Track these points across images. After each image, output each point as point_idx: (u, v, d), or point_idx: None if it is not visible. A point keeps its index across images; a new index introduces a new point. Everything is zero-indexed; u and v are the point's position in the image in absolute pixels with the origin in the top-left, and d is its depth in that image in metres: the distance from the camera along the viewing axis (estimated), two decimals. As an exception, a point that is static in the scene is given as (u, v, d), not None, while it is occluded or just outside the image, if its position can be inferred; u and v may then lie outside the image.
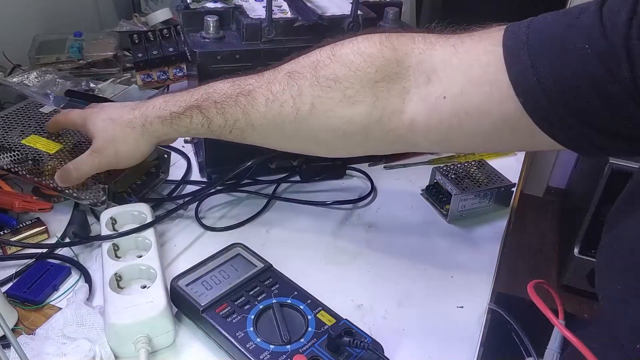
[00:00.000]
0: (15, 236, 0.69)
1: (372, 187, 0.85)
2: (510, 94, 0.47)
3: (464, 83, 0.50)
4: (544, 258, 2.11)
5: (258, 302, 0.58)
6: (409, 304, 0.64)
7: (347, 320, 0.57)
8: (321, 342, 0.54)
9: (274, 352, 0.52)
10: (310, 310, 0.57)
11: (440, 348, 0.59)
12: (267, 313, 0.57)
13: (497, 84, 0.47)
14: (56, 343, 0.55)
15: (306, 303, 0.58)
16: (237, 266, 0.63)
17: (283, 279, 0.62)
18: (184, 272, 0.61)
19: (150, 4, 1.36)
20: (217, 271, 0.62)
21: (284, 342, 0.53)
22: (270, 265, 0.63)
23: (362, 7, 0.82)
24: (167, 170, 0.83)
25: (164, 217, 0.74)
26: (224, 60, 0.74)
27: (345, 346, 0.53)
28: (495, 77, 0.48)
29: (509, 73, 0.47)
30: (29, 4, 1.11)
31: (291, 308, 0.58)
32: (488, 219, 0.80)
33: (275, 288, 0.60)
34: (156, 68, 0.92)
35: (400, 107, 0.54)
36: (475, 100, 0.49)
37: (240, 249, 0.66)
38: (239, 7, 0.80)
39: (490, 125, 0.50)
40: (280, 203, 0.82)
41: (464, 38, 0.52)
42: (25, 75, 0.97)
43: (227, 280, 0.60)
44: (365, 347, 0.52)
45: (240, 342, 0.53)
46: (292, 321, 0.56)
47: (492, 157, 0.94)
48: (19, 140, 0.75)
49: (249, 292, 0.59)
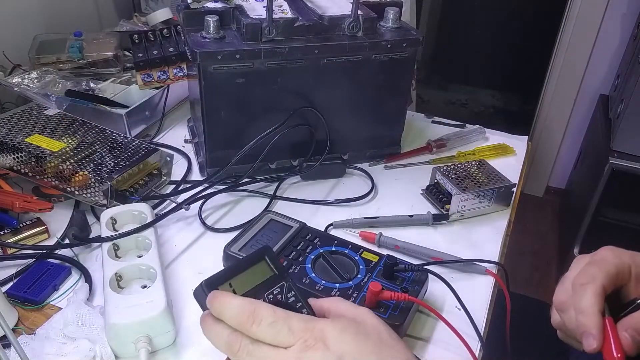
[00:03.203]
0: (15, 236, 0.69)
1: (373, 185, 0.85)
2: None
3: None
4: (544, 258, 2.11)
5: (308, 253, 0.64)
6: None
7: (387, 255, 0.63)
8: (377, 274, 0.62)
9: (341, 289, 0.60)
10: (354, 253, 0.65)
11: (440, 348, 0.59)
12: (319, 261, 0.64)
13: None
14: (56, 343, 0.55)
15: (349, 247, 0.66)
16: (275, 229, 0.69)
17: (320, 232, 0.69)
18: (231, 241, 0.66)
19: (151, 4, 1.36)
20: (259, 236, 0.68)
21: (345, 279, 0.61)
22: (304, 224, 0.70)
23: (362, 7, 0.82)
24: (170, 172, 0.84)
25: (164, 217, 0.74)
26: (224, 60, 0.74)
27: (399, 272, 0.61)
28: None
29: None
30: (29, 4, 1.11)
31: (338, 254, 0.65)
32: (488, 219, 0.80)
33: (317, 241, 0.67)
34: (156, 68, 0.91)
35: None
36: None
37: (272, 215, 0.72)
38: (239, 7, 0.80)
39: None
40: (281, 202, 0.82)
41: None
42: (25, 75, 0.96)
43: (272, 242, 0.66)
44: (416, 269, 0.62)
45: (309, 286, 0.60)
46: (343, 263, 0.64)
47: (492, 157, 0.94)
48: (23, 139, 0.76)
49: (297, 247, 0.65)
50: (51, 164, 0.73)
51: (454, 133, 0.99)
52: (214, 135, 0.81)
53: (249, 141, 0.77)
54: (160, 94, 0.99)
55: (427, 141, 0.96)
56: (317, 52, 0.77)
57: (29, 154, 0.73)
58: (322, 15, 0.79)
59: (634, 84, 1.55)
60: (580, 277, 0.47)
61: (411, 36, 0.82)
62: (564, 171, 2.33)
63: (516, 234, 0.87)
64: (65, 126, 0.81)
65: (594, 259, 0.48)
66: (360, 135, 0.89)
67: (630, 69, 1.68)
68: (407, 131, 0.94)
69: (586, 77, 2.10)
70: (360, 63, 0.80)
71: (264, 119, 0.80)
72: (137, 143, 0.81)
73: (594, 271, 0.46)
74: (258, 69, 0.76)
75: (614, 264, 0.47)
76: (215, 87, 0.76)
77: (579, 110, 2.17)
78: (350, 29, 0.79)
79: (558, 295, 0.48)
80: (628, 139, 1.61)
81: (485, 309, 0.65)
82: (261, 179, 0.86)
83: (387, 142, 0.93)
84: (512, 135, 1.02)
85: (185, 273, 0.68)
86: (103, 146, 0.79)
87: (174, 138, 0.97)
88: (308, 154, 0.86)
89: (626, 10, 1.93)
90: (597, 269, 0.46)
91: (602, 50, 2.02)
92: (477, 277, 0.69)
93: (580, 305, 0.45)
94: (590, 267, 0.47)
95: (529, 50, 2.70)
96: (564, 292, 0.48)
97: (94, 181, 0.72)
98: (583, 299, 0.45)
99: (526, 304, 1.59)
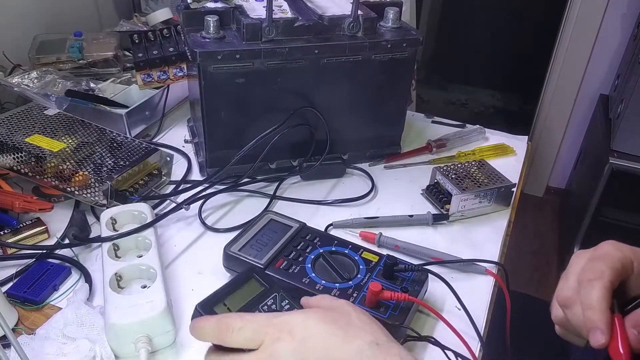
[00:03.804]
0: (15, 236, 0.69)
1: (373, 185, 0.85)
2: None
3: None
4: (544, 258, 2.11)
5: (307, 253, 0.64)
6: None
7: (387, 255, 0.63)
8: (377, 274, 0.62)
9: (341, 289, 0.60)
10: (354, 253, 0.65)
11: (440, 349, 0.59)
12: (319, 261, 0.64)
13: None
14: (56, 343, 0.55)
15: (349, 248, 0.66)
16: (275, 229, 0.69)
17: (320, 232, 0.69)
18: (231, 241, 0.66)
19: (150, 4, 1.36)
20: (259, 236, 0.67)
21: (345, 279, 0.61)
22: (304, 224, 0.69)
23: (362, 7, 0.82)
24: (170, 172, 0.84)
25: (164, 217, 0.74)
26: (224, 60, 0.74)
27: (399, 272, 0.61)
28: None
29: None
30: (29, 4, 1.11)
31: (338, 254, 0.65)
32: (488, 219, 0.80)
33: (317, 241, 0.67)
34: (156, 68, 0.91)
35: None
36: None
37: (272, 215, 0.71)
38: (239, 7, 0.80)
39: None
40: (281, 202, 0.82)
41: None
42: (25, 75, 0.96)
43: (272, 242, 0.66)
44: (416, 269, 0.62)
45: (309, 286, 0.60)
46: (343, 263, 0.64)
47: (492, 157, 0.94)
48: (23, 139, 0.76)
49: (297, 247, 0.65)
50: (51, 164, 0.73)
51: (454, 133, 0.99)
52: (214, 135, 0.81)
53: (249, 141, 0.77)
54: (160, 94, 0.99)
55: (427, 141, 0.96)
56: (317, 52, 0.77)
57: (29, 154, 0.73)
58: (322, 15, 0.79)
59: (634, 84, 1.55)
60: (587, 273, 0.46)
61: (411, 36, 0.82)
62: (564, 171, 2.33)
63: (516, 234, 0.87)
64: (65, 126, 0.81)
65: (597, 254, 0.47)
66: (360, 135, 0.89)
67: (630, 69, 1.68)
68: (407, 131, 0.94)
69: (586, 77, 2.09)
70: (360, 63, 0.80)
71: (264, 119, 0.80)
72: (137, 143, 0.81)
73: (600, 267, 0.45)
74: (258, 69, 0.76)
75: (618, 259, 0.46)
76: (215, 87, 0.76)
77: (579, 110, 2.17)
78: (350, 29, 0.79)
79: (562, 291, 0.47)
80: (628, 139, 1.61)
81: (485, 309, 0.65)
82: (261, 179, 0.86)
83: (387, 142, 0.93)
84: (512, 135, 1.02)
85: (185, 273, 0.68)
86: (103, 146, 0.79)
87: (174, 138, 0.97)
88: (308, 154, 0.86)
89: (626, 10, 1.93)
90: (603, 264, 0.45)
91: (602, 50, 2.02)
92: (477, 277, 0.69)
93: (588, 301, 0.44)
94: (596, 262, 0.46)
95: (529, 50, 2.69)
96: (568, 288, 0.47)
97: (94, 181, 0.72)
98: (591, 295, 0.44)
99: (526, 304, 1.59)
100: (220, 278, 0.66)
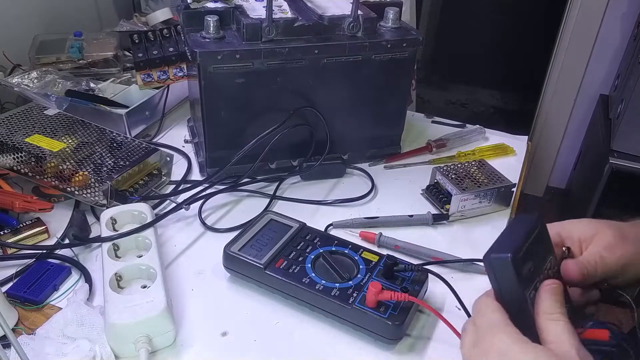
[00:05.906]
0: (15, 236, 0.69)
1: (373, 185, 0.85)
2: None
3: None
4: (544, 258, 2.11)
5: (307, 253, 0.65)
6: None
7: (387, 254, 0.64)
8: (377, 274, 0.62)
9: (341, 289, 0.60)
10: (354, 253, 0.65)
11: (440, 348, 0.59)
12: (319, 261, 0.64)
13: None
14: (56, 343, 0.55)
15: (349, 247, 0.66)
16: (275, 229, 0.69)
17: (320, 232, 0.69)
18: (231, 241, 0.66)
19: (150, 4, 1.36)
20: (259, 236, 0.67)
21: (345, 279, 0.61)
22: (304, 224, 0.70)
23: (362, 7, 0.82)
24: (170, 172, 0.84)
25: (164, 217, 0.74)
26: (224, 60, 0.74)
27: (399, 272, 0.62)
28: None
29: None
30: (29, 4, 1.11)
31: (338, 254, 0.65)
32: (488, 219, 0.80)
33: (317, 241, 0.67)
34: (156, 68, 0.92)
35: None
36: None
37: (272, 215, 0.71)
38: (239, 7, 0.80)
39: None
40: (281, 202, 0.82)
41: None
42: (25, 75, 0.96)
43: (272, 242, 0.66)
44: (416, 269, 0.62)
45: (309, 286, 0.60)
46: (343, 263, 0.64)
47: (492, 157, 0.94)
48: (23, 139, 0.76)
49: (297, 247, 0.66)
50: (51, 164, 0.73)
51: (454, 133, 0.99)
52: (213, 135, 0.81)
53: (249, 141, 0.77)
54: (160, 94, 0.99)
55: (427, 141, 0.96)
56: (317, 52, 0.77)
57: (29, 154, 0.74)
58: (322, 15, 0.79)
59: (634, 84, 1.55)
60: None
61: (411, 36, 0.82)
62: (564, 171, 2.33)
63: (516, 234, 0.87)
64: (65, 126, 0.81)
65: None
66: (360, 135, 0.89)
67: (630, 69, 1.68)
68: (407, 131, 0.94)
69: (586, 77, 2.09)
70: (360, 63, 0.80)
71: (264, 119, 0.80)
72: (137, 143, 0.81)
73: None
74: (258, 69, 0.76)
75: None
76: (215, 87, 0.76)
77: (579, 110, 2.17)
78: (350, 29, 0.79)
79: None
80: (628, 139, 1.61)
81: (485, 309, 0.65)
82: (261, 179, 0.86)
83: (387, 142, 0.93)
84: (512, 135, 1.02)
85: (185, 273, 0.68)
86: (103, 146, 0.79)
87: (174, 138, 0.97)
88: (308, 154, 0.86)
89: (626, 10, 1.93)
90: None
91: (602, 50, 2.02)
92: (477, 277, 0.69)
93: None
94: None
95: (529, 50, 2.70)
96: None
97: (94, 181, 0.72)
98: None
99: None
100: (221, 278, 0.67)
